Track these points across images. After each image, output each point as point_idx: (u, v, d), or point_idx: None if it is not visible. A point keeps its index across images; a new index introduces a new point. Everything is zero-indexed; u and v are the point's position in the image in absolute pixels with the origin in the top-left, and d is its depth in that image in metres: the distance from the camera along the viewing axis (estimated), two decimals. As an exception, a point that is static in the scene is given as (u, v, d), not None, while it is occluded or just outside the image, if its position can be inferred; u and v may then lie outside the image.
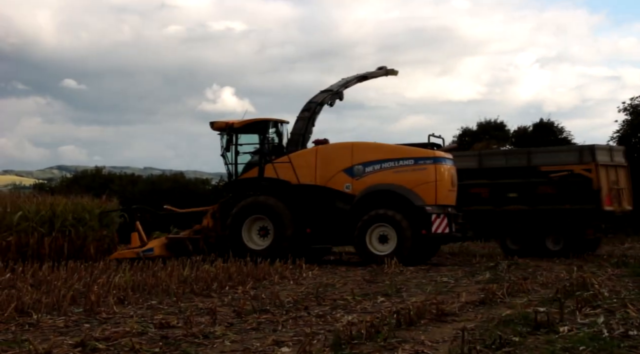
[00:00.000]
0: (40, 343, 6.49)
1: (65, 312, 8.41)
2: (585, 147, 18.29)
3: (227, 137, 16.86)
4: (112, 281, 10.73)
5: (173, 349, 6.40)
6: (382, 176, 15.61)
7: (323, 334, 6.81)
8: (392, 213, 15.24)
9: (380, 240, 15.43)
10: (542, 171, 17.87)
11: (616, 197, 17.83)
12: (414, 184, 15.42)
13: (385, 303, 9.29)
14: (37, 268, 12.81)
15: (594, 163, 17.39)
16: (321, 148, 16.44)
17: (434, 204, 15.33)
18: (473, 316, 8.05)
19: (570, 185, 17.46)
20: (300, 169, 16.18)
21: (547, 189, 17.73)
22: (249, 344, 6.60)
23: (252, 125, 16.95)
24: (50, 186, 37.65)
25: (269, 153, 16.75)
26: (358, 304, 9.08)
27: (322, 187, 16.03)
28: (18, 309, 8.35)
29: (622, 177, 18.29)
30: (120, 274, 11.80)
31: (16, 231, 15.86)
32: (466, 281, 12.00)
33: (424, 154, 15.63)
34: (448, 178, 15.77)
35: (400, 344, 6.41)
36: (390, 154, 15.73)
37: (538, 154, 18.55)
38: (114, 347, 6.43)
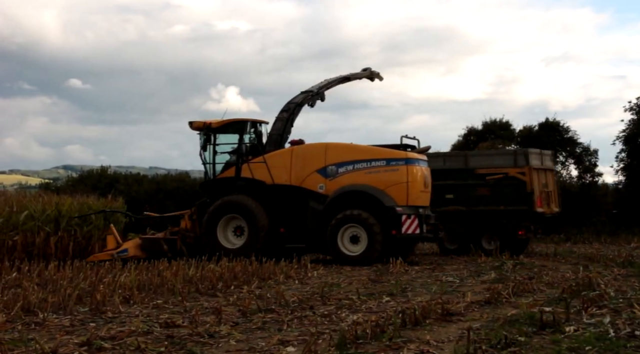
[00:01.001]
0: (47, 342, 6.51)
1: (71, 311, 8.44)
2: (519, 151, 18.91)
3: (205, 137, 17.02)
4: (118, 280, 10.74)
5: (178, 348, 6.41)
6: (354, 177, 15.73)
7: (328, 334, 6.80)
8: (362, 214, 15.36)
9: (352, 240, 15.53)
10: (478, 173, 18.58)
11: (546, 200, 18.68)
12: (386, 185, 15.54)
13: (391, 302, 9.29)
14: (43, 267, 12.85)
15: (528, 167, 18.16)
16: (296, 149, 16.53)
17: (406, 204, 15.44)
18: (478, 315, 8.04)
19: (505, 187, 18.21)
20: (274, 169, 16.29)
21: (483, 191, 18.48)
22: (254, 343, 6.61)
23: (230, 125, 17.08)
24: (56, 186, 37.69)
25: (246, 153, 16.88)
26: (363, 304, 9.07)
27: (296, 187, 16.14)
28: (24, 308, 8.39)
29: (551, 181, 19.21)
30: (126, 273, 11.82)
31: (22, 231, 15.92)
32: (471, 281, 11.98)
33: (396, 155, 15.76)
34: (420, 179, 15.89)
35: (405, 343, 6.41)
36: (363, 155, 15.85)
37: (475, 157, 19.25)
38: (120, 346, 6.44)
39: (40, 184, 45.74)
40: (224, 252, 15.43)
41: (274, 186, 16.28)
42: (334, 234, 15.50)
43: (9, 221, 15.91)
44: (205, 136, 16.99)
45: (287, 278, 12.43)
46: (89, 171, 36.56)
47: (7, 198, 19.35)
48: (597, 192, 30.48)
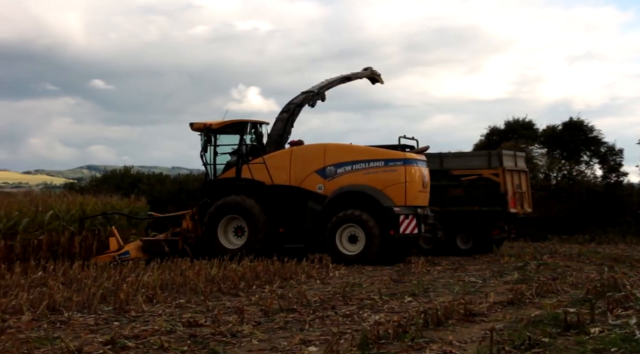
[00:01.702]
0: (72, 340, 6.58)
1: (95, 310, 8.52)
2: (493, 152, 19.14)
3: (205, 138, 17.11)
4: (141, 279, 10.83)
5: (201, 347, 6.45)
6: (353, 177, 15.80)
7: (350, 334, 6.80)
8: (360, 214, 15.42)
9: (350, 240, 15.58)
10: (453, 174, 18.85)
11: (519, 200, 18.96)
12: (384, 185, 15.59)
13: (413, 302, 9.25)
14: (67, 267, 12.99)
15: (502, 168, 18.42)
16: (295, 149, 16.59)
17: (404, 204, 15.46)
18: (501, 316, 7.98)
19: (479, 188, 18.52)
20: (274, 170, 16.36)
21: (457, 192, 18.74)
22: (277, 343, 6.62)
23: (231, 126, 17.15)
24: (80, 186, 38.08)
25: (247, 154, 16.95)
26: (385, 304, 9.05)
27: (295, 187, 16.21)
28: (50, 307, 8.49)
29: (524, 182, 19.52)
30: (149, 273, 11.91)
31: (47, 230, 16.09)
32: (494, 281, 11.90)
33: (394, 155, 15.79)
34: (419, 179, 15.90)
35: (427, 344, 6.38)
36: (361, 156, 15.91)
37: (450, 159, 19.43)
38: (143, 345, 6.49)
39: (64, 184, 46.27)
40: (224, 253, 15.47)
41: (273, 186, 16.36)
42: (332, 234, 15.56)
43: (34, 221, 16.09)
44: (206, 137, 17.10)
45: (309, 277, 12.44)
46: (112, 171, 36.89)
47: (33, 198, 19.60)
48: (623, 192, 30.08)
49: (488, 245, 18.85)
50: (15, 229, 15.36)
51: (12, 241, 14.93)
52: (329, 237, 15.59)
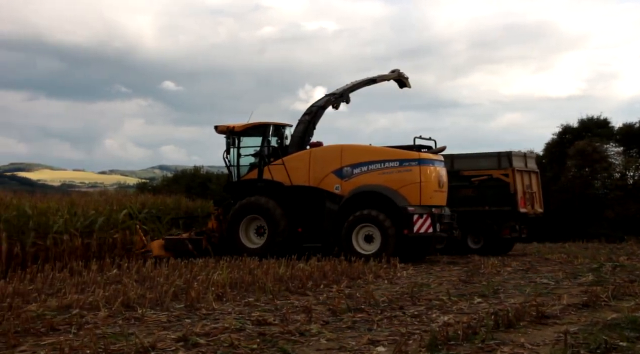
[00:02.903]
0: (145, 337, 6.75)
1: (168, 307, 8.71)
2: (503, 153, 19.28)
3: (228, 141, 17.42)
4: (211, 278, 11.02)
5: (270, 346, 6.50)
6: (369, 177, 15.98)
7: (419, 335, 6.73)
8: (376, 213, 15.53)
9: (366, 240, 15.70)
10: (464, 175, 19.26)
11: (530, 200, 19.33)
12: (399, 185, 15.72)
13: (482, 304, 9.07)
14: (141, 265, 13.36)
15: (511, 168, 18.83)
16: (314, 151, 16.84)
17: (419, 204, 15.55)
18: (576, 319, 7.74)
19: (489, 188, 18.98)
20: (293, 171, 16.64)
21: (468, 192, 19.18)
22: (345, 342, 6.61)
23: (254, 128, 17.46)
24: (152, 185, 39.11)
25: (269, 155, 17.21)
26: (454, 305, 8.92)
27: (312, 188, 16.46)
28: (124, 303, 8.74)
29: (535, 182, 19.83)
30: (219, 271, 12.10)
31: (121, 229, 16.57)
32: (567, 283, 11.55)
33: (409, 156, 15.87)
34: (434, 179, 15.96)
35: (498, 346, 6.25)
36: (376, 156, 16.06)
37: (460, 160, 19.71)
38: (214, 342, 6.59)
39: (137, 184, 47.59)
40: (244, 252, 15.82)
41: (292, 187, 16.64)
42: (348, 234, 15.69)
43: (109, 220, 16.62)
44: (229, 139, 17.45)
45: (377, 277, 12.38)
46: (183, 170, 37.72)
47: (108, 197, 20.29)
48: None
49: (499, 245, 19.06)
50: (91, 228, 15.89)
51: (89, 239, 15.44)
52: (345, 236, 15.73)
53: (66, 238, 14.73)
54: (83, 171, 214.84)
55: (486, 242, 19.03)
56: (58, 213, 15.48)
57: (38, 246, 14.31)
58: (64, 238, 14.70)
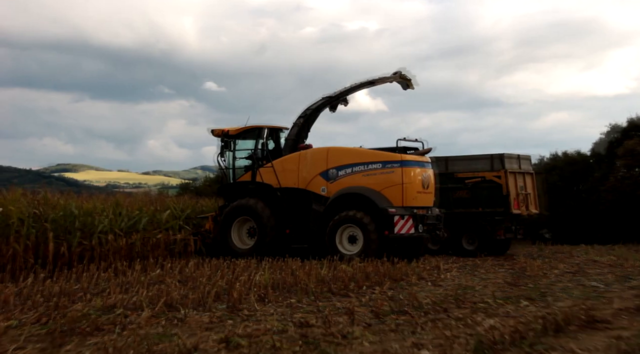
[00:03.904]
0: (188, 337, 6.78)
1: (210, 308, 8.75)
2: (495, 156, 19.61)
3: (222, 144, 17.93)
4: (253, 279, 11.06)
5: (312, 348, 6.46)
6: (353, 179, 16.30)
7: (464, 338, 6.61)
8: (358, 215, 15.76)
9: (350, 240, 15.91)
10: (458, 177, 19.76)
11: (524, 201, 19.59)
12: (382, 187, 15.96)
13: (529, 307, 8.90)
14: (184, 265, 13.48)
15: (504, 170, 19.21)
16: (302, 153, 17.17)
17: (401, 205, 15.72)
18: (628, 324, 7.51)
19: (483, 190, 19.43)
20: (281, 174, 17.12)
21: (462, 194, 19.69)
22: (388, 345, 6.53)
23: (248, 132, 17.95)
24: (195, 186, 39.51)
25: (261, 158, 17.62)
26: (500, 308, 8.76)
27: (300, 189, 16.85)
28: (167, 303, 8.81)
29: (529, 183, 20.07)
30: (261, 272, 12.14)
31: (165, 229, 16.74)
32: (618, 286, 11.25)
33: (392, 157, 16.08)
34: (417, 180, 16.13)
35: (547, 351, 6.10)
36: (360, 158, 16.36)
37: (455, 162, 20.14)
38: (256, 344, 6.59)
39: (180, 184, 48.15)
40: (234, 254, 16.33)
41: (280, 189, 17.08)
42: (332, 234, 15.95)
43: (153, 220, 16.81)
44: (224, 142, 17.93)
45: (420, 279, 12.28)
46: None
47: (151, 198, 20.52)
48: None
49: (494, 246, 19.45)
50: (135, 228, 16.08)
51: (133, 239, 15.63)
52: (329, 237, 15.97)
53: (111, 238, 14.91)
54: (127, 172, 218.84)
55: (481, 243, 19.40)
56: (103, 213, 15.69)
57: (83, 245, 14.52)
58: (109, 238, 14.88)
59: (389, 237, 15.55)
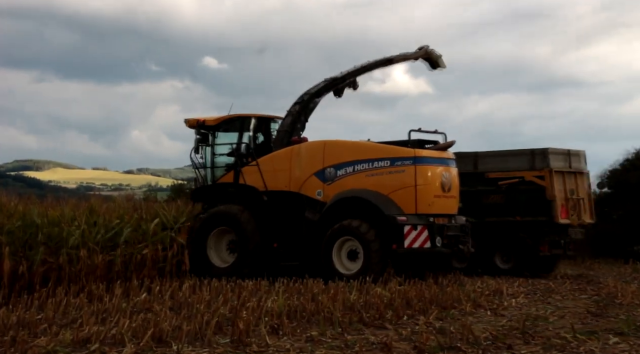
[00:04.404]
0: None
1: (210, 343, 8.80)
2: (537, 150, 19.77)
3: (198, 137, 18.11)
4: (264, 305, 11.12)
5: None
6: (354, 180, 16.47)
7: (533, 384, 6.59)
8: (357, 224, 15.90)
9: (350, 256, 16.07)
10: (489, 178, 19.88)
11: (574, 209, 19.64)
12: (389, 190, 16.11)
13: (620, 344, 8.88)
14: (176, 288, 13.57)
15: (548, 169, 19.27)
16: (295, 149, 17.41)
17: (414, 213, 15.85)
18: None
19: (521, 194, 19.47)
20: (268, 174, 17.39)
21: (495, 199, 19.77)
22: (435, 392, 6.54)
23: (230, 122, 18.19)
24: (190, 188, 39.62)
25: (245, 155, 17.79)
26: (581, 346, 8.74)
27: (290, 193, 17.12)
28: (155, 337, 8.87)
29: (582, 186, 20.18)
30: (273, 297, 12.19)
31: (152, 242, 16.84)
32: None
33: (402, 153, 16.21)
34: (435, 182, 16.28)
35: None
36: (364, 154, 16.54)
37: (485, 159, 20.34)
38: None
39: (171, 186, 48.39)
40: (211, 273, 16.37)
41: (267, 192, 17.35)
42: (328, 249, 16.11)
43: (137, 231, 16.90)
44: (200, 135, 18.10)
45: (476, 307, 12.27)
46: (228, 169, 38.00)
47: (136, 203, 20.66)
48: None
49: (535, 264, 19.47)
50: (115, 242, 16.20)
51: (112, 255, 15.74)
52: (324, 253, 16.15)
53: (84, 254, 15.03)
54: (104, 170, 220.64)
55: (518, 261, 19.55)
56: (74, 223, 15.85)
57: (49, 264, 14.64)
58: (81, 254, 15.00)
59: (398, 252, 15.65)
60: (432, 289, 13.41)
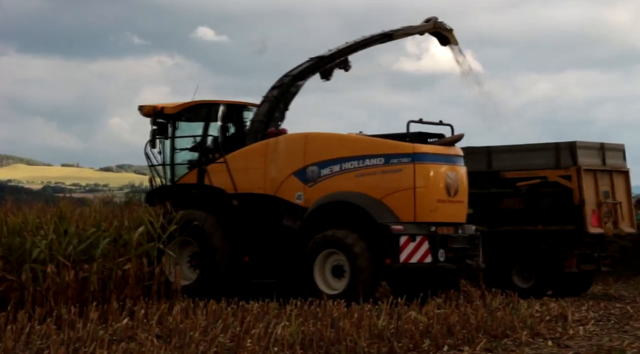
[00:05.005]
0: None
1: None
2: (563, 144, 20.02)
3: (155, 128, 18.48)
4: (273, 332, 11.16)
5: None
6: (341, 181, 16.79)
7: None
8: (344, 235, 16.16)
9: (335, 273, 16.46)
10: (506, 178, 20.07)
11: (609, 215, 19.82)
12: (383, 193, 16.45)
13: None
14: (165, 311, 13.65)
15: (575, 167, 19.43)
16: (271, 142, 17.63)
17: (412, 221, 16.17)
18: None
19: (544, 197, 19.73)
20: (239, 173, 17.72)
21: (513, 203, 20.01)
22: None
23: (193, 110, 18.68)
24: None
25: (213, 150, 18.22)
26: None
27: (266, 197, 17.40)
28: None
29: (621, 187, 20.40)
30: (284, 322, 12.23)
31: (136, 256, 16.93)
32: None
33: (399, 149, 16.53)
34: (439, 183, 16.61)
35: None
36: (353, 150, 16.87)
37: (501, 155, 20.63)
38: None
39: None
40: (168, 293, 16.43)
41: (236, 196, 17.52)
42: (309, 264, 16.46)
43: (117, 242, 16.98)
44: (157, 126, 18.44)
45: (534, 335, 12.30)
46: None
47: (115, 208, 20.72)
48: None
49: (561, 282, 19.66)
50: (90, 255, 16.28)
51: (87, 271, 15.82)
52: (305, 268, 16.40)
53: (51, 270, 15.07)
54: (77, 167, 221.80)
55: (540, 279, 19.69)
56: (39, 232, 15.91)
57: (8, 282, 14.73)
58: (48, 270, 15.06)
59: (392, 268, 15.89)
60: (479, 314, 13.42)
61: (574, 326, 13.33)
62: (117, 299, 15.26)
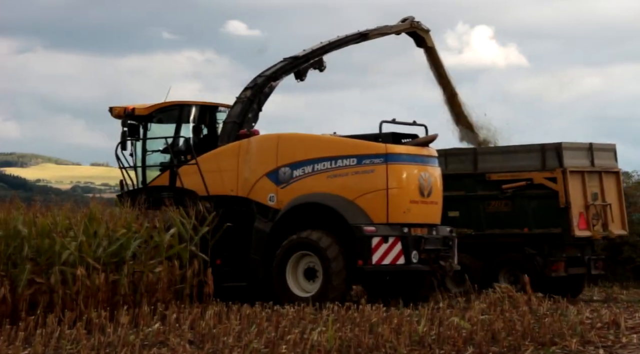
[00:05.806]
0: None
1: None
2: (548, 146, 20.38)
3: (125, 129, 18.87)
4: (309, 338, 11.19)
5: None
6: (314, 182, 17.25)
7: None
8: (316, 236, 16.59)
9: (307, 275, 16.93)
10: (491, 180, 20.48)
11: (597, 218, 20.28)
12: (356, 194, 16.91)
13: None
14: (198, 315, 13.73)
15: (561, 169, 19.84)
16: (243, 144, 17.98)
17: (385, 222, 16.56)
18: None
19: (529, 200, 20.24)
20: (211, 174, 18.24)
21: (498, 206, 20.50)
22: None
23: (165, 111, 19.12)
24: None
25: (185, 151, 18.64)
26: None
27: (238, 198, 17.78)
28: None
29: (611, 189, 20.76)
30: (321, 327, 12.27)
31: (167, 258, 17.01)
32: None
33: (372, 150, 16.95)
34: (412, 184, 17.02)
35: None
36: (325, 151, 17.35)
37: (486, 157, 21.06)
38: None
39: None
40: None
41: (208, 198, 17.92)
42: (282, 266, 16.91)
43: (148, 244, 17.06)
44: (128, 127, 18.84)
45: (584, 343, 12.19)
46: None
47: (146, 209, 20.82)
48: None
49: (549, 286, 19.43)
50: (120, 257, 16.38)
51: (117, 274, 15.92)
52: (277, 271, 16.74)
53: (81, 273, 15.20)
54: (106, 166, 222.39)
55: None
56: (69, 233, 16.03)
57: (37, 285, 14.83)
58: (78, 273, 15.18)
59: (365, 270, 16.15)
60: (526, 320, 13.34)
61: (627, 334, 13.18)
62: (148, 303, 15.40)
